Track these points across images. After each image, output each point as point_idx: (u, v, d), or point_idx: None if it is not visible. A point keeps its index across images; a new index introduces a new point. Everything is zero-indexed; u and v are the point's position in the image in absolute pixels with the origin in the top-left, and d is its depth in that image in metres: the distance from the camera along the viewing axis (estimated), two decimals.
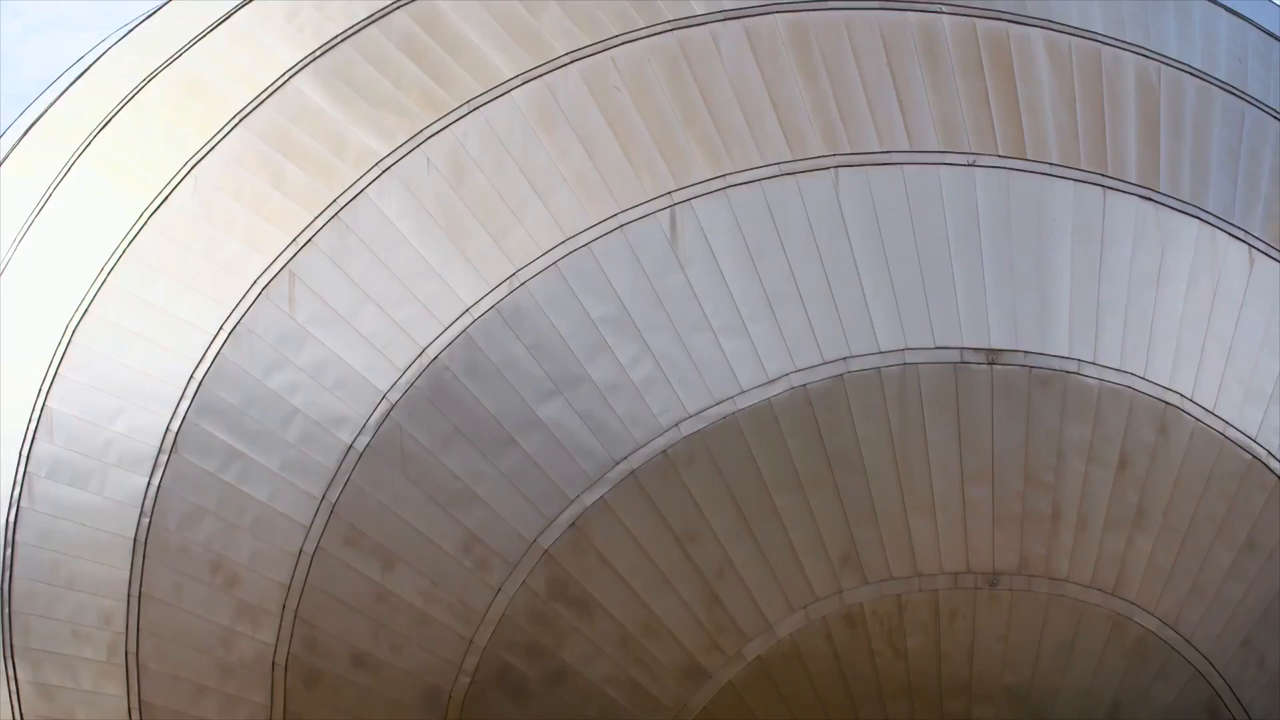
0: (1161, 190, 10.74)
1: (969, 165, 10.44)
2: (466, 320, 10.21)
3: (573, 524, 9.86)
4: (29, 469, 11.33)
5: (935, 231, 10.26)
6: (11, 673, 11.18)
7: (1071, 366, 10.19)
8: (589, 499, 9.85)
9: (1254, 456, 10.57)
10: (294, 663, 10.05)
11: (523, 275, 10.25)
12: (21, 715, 11.15)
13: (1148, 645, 10.24)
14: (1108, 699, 10.22)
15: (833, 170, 10.36)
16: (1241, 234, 10.93)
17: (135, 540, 10.59)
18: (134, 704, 10.56)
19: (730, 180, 10.30)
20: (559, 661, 9.80)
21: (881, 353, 10.07)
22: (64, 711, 10.95)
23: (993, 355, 10.11)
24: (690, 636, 9.79)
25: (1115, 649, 10.21)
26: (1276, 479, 10.51)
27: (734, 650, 9.82)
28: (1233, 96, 11.42)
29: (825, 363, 10.01)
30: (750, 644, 9.84)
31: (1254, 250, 10.94)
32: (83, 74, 12.65)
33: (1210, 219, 10.86)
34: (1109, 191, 10.63)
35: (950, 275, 10.20)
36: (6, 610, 11.21)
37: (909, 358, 10.08)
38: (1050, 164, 10.52)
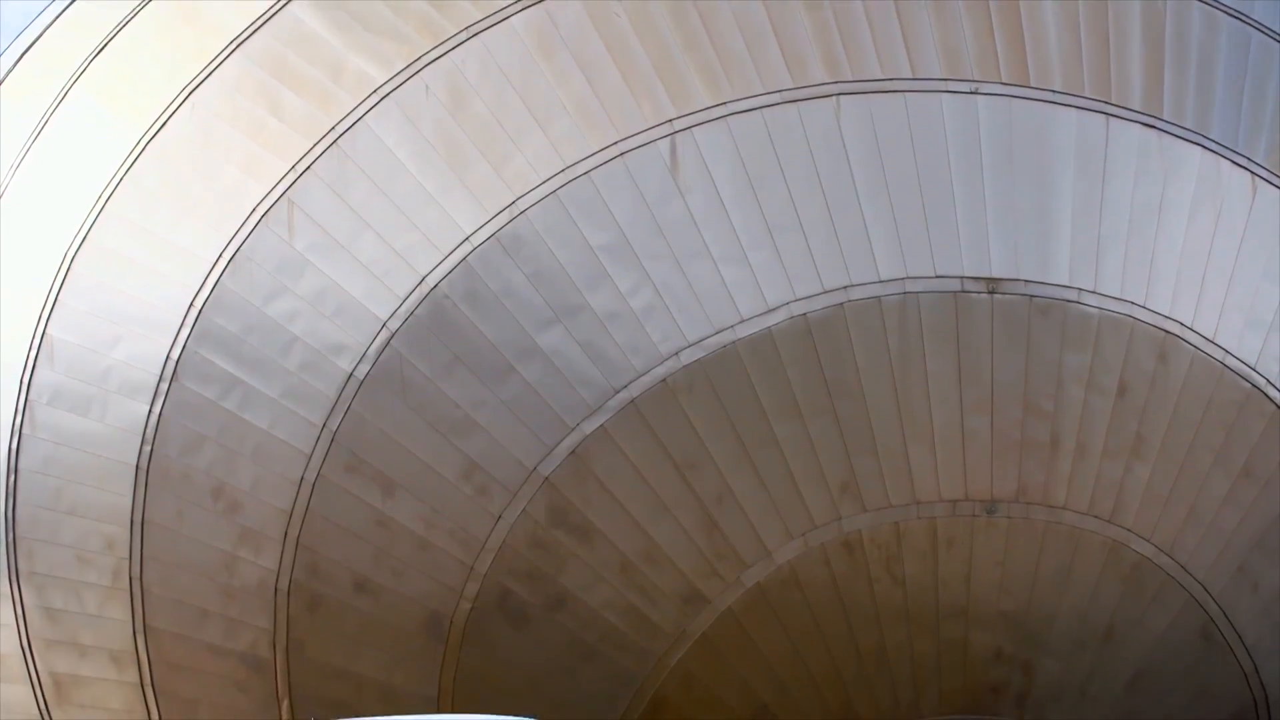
0: (1165, 118, 10.65)
1: (971, 93, 10.35)
2: (466, 249, 10.19)
3: (573, 452, 9.90)
4: (30, 396, 11.34)
5: (937, 160, 10.20)
6: (17, 596, 11.26)
7: (1072, 296, 10.17)
8: (589, 427, 9.88)
9: (1253, 385, 10.59)
10: (296, 588, 10.13)
11: (522, 204, 10.21)
12: (28, 638, 11.24)
13: (1143, 571, 10.32)
14: (1103, 624, 10.31)
15: (834, 98, 10.28)
16: (1245, 162, 10.86)
17: (137, 467, 10.63)
18: (138, 628, 10.65)
19: (731, 108, 10.21)
20: (559, 587, 9.88)
21: (882, 281, 10.06)
22: (69, 635, 11.05)
23: (993, 284, 10.10)
24: (690, 563, 9.86)
25: (1111, 575, 10.29)
26: (1275, 407, 10.54)
27: (733, 577, 9.90)
28: (1239, 23, 11.29)
29: (825, 291, 10.00)
30: (749, 571, 9.92)
31: (1257, 178, 10.87)
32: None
33: (1214, 147, 10.78)
34: (1112, 119, 10.54)
35: (951, 204, 10.16)
36: (11, 535, 11.27)
37: (909, 287, 10.07)
38: (1054, 91, 10.43)
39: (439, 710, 9.75)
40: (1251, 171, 10.82)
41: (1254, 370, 10.54)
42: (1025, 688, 10.23)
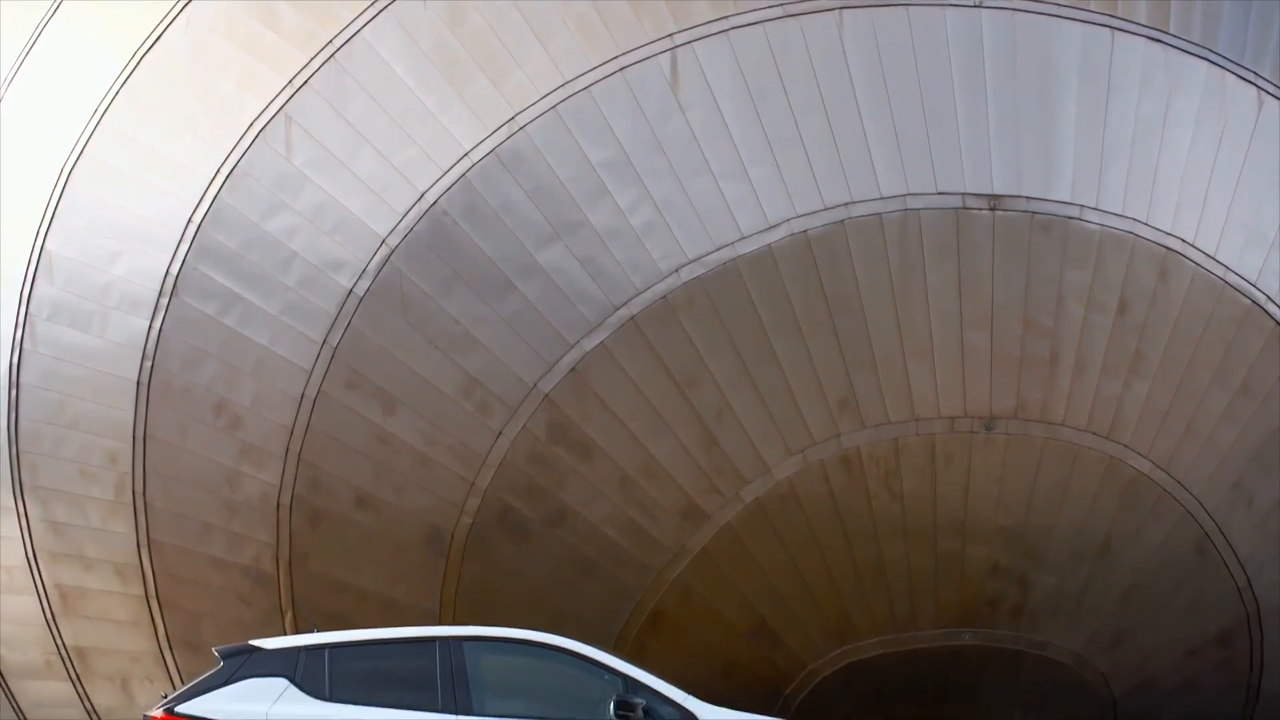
0: (1171, 32, 10.54)
1: (975, 6, 10.21)
2: (465, 164, 10.12)
3: (573, 369, 9.92)
4: (30, 311, 11.35)
5: (940, 75, 10.09)
6: (22, 509, 11.35)
7: (1073, 212, 10.13)
8: (589, 344, 9.89)
9: (1253, 301, 10.59)
10: (298, 503, 10.20)
11: (521, 119, 10.12)
12: (33, 550, 11.35)
13: (1140, 487, 10.39)
14: (1099, 538, 10.40)
15: (836, 11, 10.14)
16: (1251, 76, 10.75)
17: (138, 382, 10.66)
18: (142, 541, 10.74)
19: (732, 22, 10.08)
20: (559, 503, 9.95)
21: (883, 198, 10.01)
22: (74, 548, 11.15)
23: (995, 201, 10.05)
24: (689, 479, 9.92)
25: (1108, 490, 10.36)
26: (1274, 323, 10.54)
27: (732, 492, 9.97)
28: None
29: (826, 208, 9.96)
30: (748, 486, 9.98)
31: (1263, 93, 10.77)
32: None
33: (1220, 61, 10.67)
34: (1117, 33, 10.42)
35: (954, 120, 10.07)
36: (14, 449, 11.33)
37: (910, 203, 10.02)
38: (1059, 4, 10.30)
39: (440, 623, 9.85)
40: (1258, 86, 10.72)
41: (1254, 287, 10.53)
42: (1021, 601, 10.36)
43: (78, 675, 11.40)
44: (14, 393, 11.29)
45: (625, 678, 5.85)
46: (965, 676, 10.38)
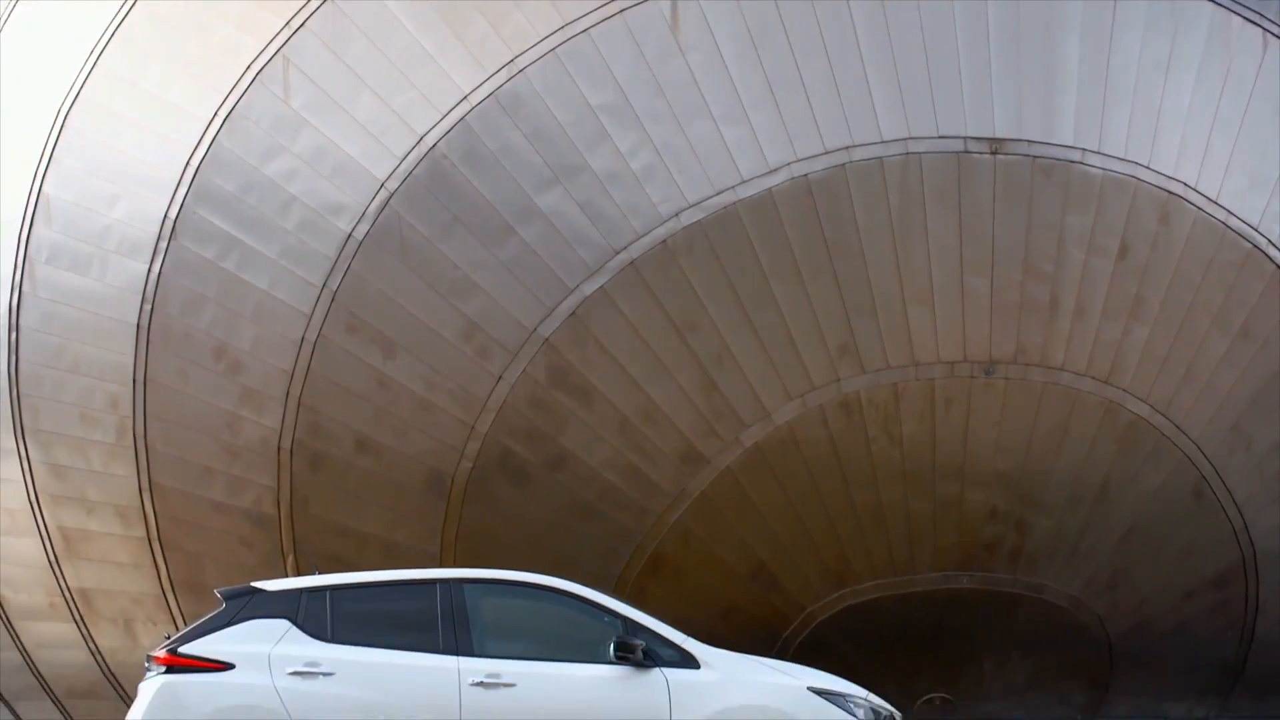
0: None
1: None
2: (464, 108, 10.05)
3: (573, 313, 9.91)
4: (29, 253, 11.32)
5: (942, 17, 9.98)
6: (23, 452, 11.37)
7: (1075, 156, 10.08)
8: (589, 288, 9.88)
9: (1254, 245, 10.56)
10: (299, 447, 10.23)
11: (521, 62, 10.04)
12: (35, 493, 11.38)
13: (1138, 431, 10.41)
14: (1097, 483, 10.44)
15: None
16: (1257, 18, 10.66)
17: (138, 326, 10.65)
18: (144, 484, 10.77)
19: None
20: (559, 447, 9.98)
21: (884, 142, 9.95)
22: (75, 491, 11.19)
23: (996, 145, 9.99)
24: (689, 423, 9.94)
25: (1107, 435, 10.38)
26: (1275, 267, 10.52)
27: (732, 437, 9.99)
28: None
29: (827, 152, 9.90)
30: (748, 431, 10.01)
31: (1268, 35, 10.68)
32: None
33: (1225, 2, 10.56)
34: None
35: (956, 63, 9.99)
36: (14, 392, 11.34)
37: (912, 147, 9.96)
38: None
39: (441, 566, 9.90)
40: (1263, 28, 10.64)
41: (1256, 231, 10.51)
42: (1019, 545, 10.41)
43: (81, 617, 11.47)
44: (14, 336, 11.29)
45: (625, 620, 5.88)
46: (962, 619, 10.45)
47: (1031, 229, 10.06)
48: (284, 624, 5.92)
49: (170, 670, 5.76)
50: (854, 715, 5.58)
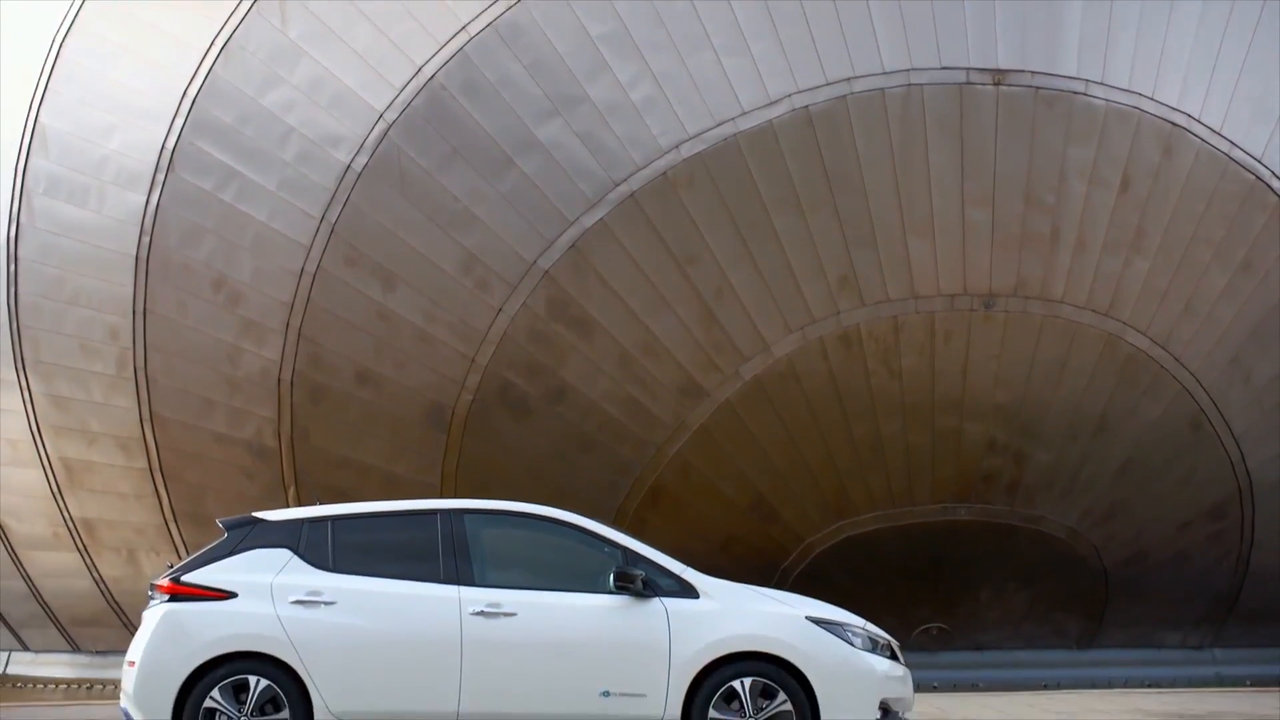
0: None
1: None
2: (463, 38, 9.95)
3: (572, 245, 9.88)
4: (26, 185, 11.26)
5: None
6: (24, 384, 11.38)
7: (1079, 87, 10.00)
8: (588, 221, 9.85)
9: (1257, 177, 10.51)
10: (299, 379, 10.23)
11: None
12: (37, 424, 11.40)
13: (1138, 364, 10.43)
14: (1095, 415, 10.47)
15: None
16: None
17: (136, 258, 10.62)
18: (145, 416, 10.79)
19: None
20: (559, 380, 9.99)
21: (886, 73, 9.86)
22: (77, 422, 11.21)
23: (999, 76, 9.91)
24: (688, 356, 9.95)
25: (1106, 368, 10.40)
26: (1278, 199, 10.48)
27: (731, 370, 10.00)
28: None
29: (828, 83, 9.82)
30: (747, 364, 10.02)
31: None
32: None
33: None
34: None
35: None
36: (15, 324, 11.33)
37: (914, 78, 9.88)
38: None
39: (441, 497, 9.94)
40: None
41: (1259, 162, 10.46)
42: (1016, 477, 10.45)
43: (85, 546, 11.54)
44: (12, 267, 11.26)
45: (624, 550, 5.90)
46: (960, 551, 10.52)
47: (1033, 161, 10.01)
48: (285, 554, 5.94)
49: (173, 599, 5.79)
50: (852, 644, 5.62)
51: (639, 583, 5.75)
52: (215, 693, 5.66)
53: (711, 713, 5.55)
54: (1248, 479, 10.85)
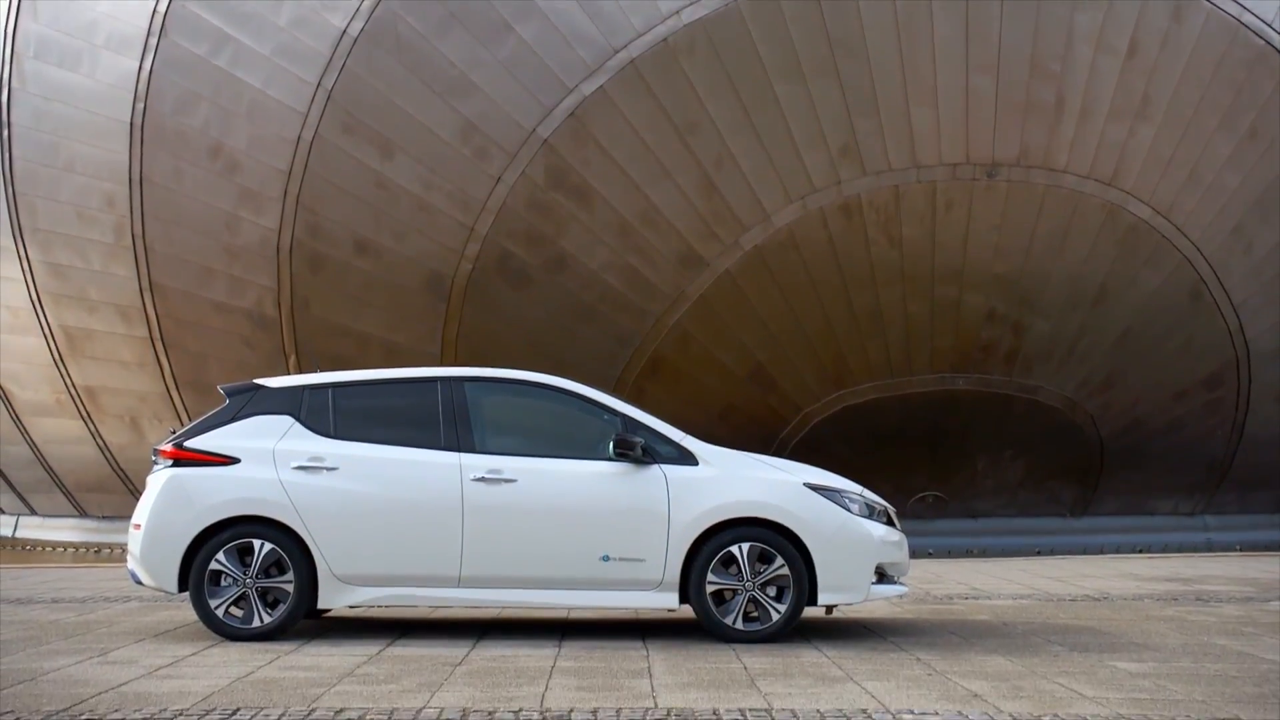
0: None
1: None
2: None
3: (572, 113, 9.77)
4: (16, 47, 11.11)
5: None
6: (22, 251, 11.34)
7: None
8: (588, 88, 9.72)
9: (1266, 42, 10.36)
10: (298, 247, 10.19)
11: None
12: (37, 292, 11.39)
13: (1140, 233, 10.38)
14: (1095, 285, 10.46)
15: None
16: None
17: (131, 124, 10.51)
18: (144, 285, 10.77)
19: None
20: (559, 249, 9.95)
21: None
22: (76, 290, 11.19)
23: None
24: (688, 225, 9.89)
25: (1107, 238, 10.36)
26: None
27: (731, 239, 9.96)
28: None
29: None
30: (747, 233, 9.97)
31: None
32: None
33: None
34: None
35: None
36: (10, 190, 11.26)
37: None
38: None
39: (441, 366, 9.96)
40: None
41: (1269, 27, 10.31)
42: (1015, 347, 10.48)
43: (88, 413, 11.60)
44: (6, 132, 11.16)
45: (624, 417, 5.90)
46: (957, 420, 10.59)
47: (1039, 27, 9.86)
48: (287, 420, 5.95)
49: (177, 464, 5.82)
50: (849, 510, 5.65)
51: (638, 450, 5.78)
52: (221, 555, 5.73)
53: (710, 577, 5.61)
54: (1245, 348, 10.89)
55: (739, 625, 5.73)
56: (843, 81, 9.69)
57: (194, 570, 5.83)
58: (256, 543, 5.86)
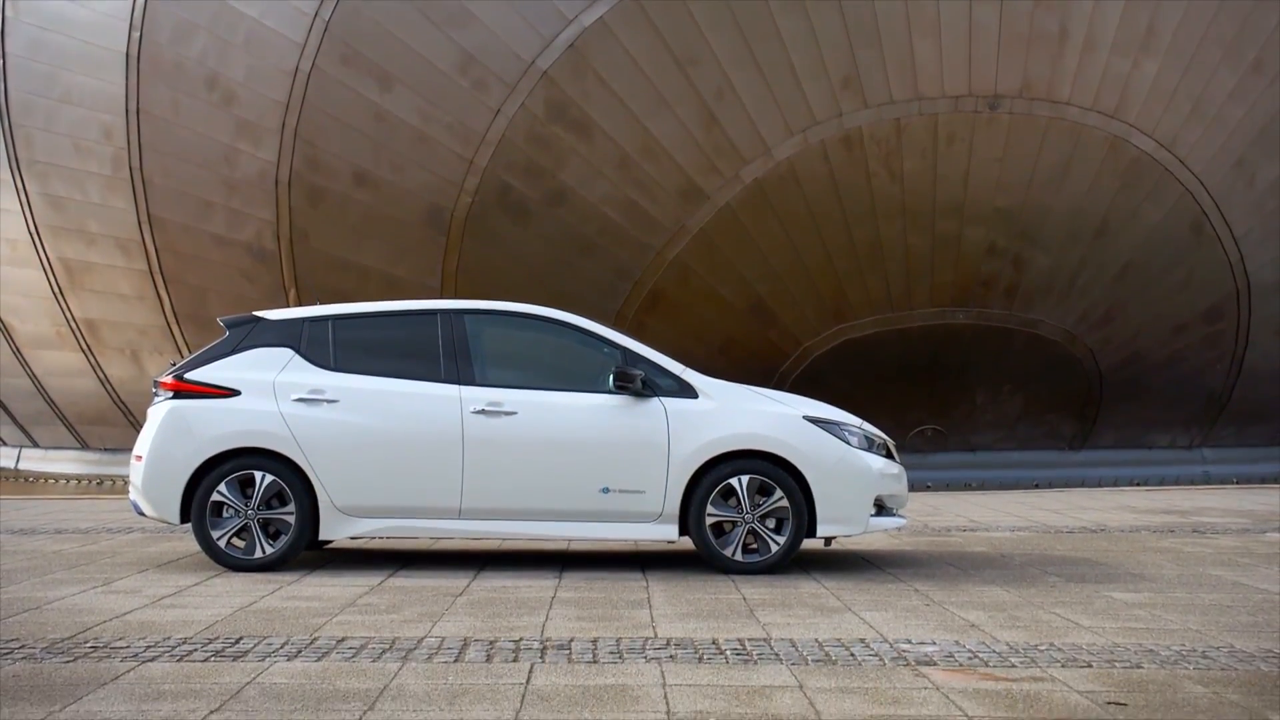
0: None
1: None
2: None
3: (571, 45, 9.68)
4: None
5: None
6: (20, 184, 11.30)
7: None
8: (588, 19, 9.63)
9: None
10: (297, 180, 10.15)
11: None
12: (35, 224, 11.36)
13: (1142, 166, 10.34)
14: (1097, 219, 10.42)
15: None
16: None
17: (127, 55, 10.43)
18: (143, 217, 10.74)
19: None
20: (558, 182, 9.91)
21: None
22: (75, 223, 11.16)
23: None
24: (688, 159, 9.84)
25: (1109, 171, 10.31)
26: None
27: (732, 173, 9.91)
28: None
29: None
30: (748, 167, 9.92)
31: None
32: None
33: None
34: None
35: None
36: (6, 121, 11.20)
37: None
38: None
39: (441, 298, 9.94)
40: None
41: None
42: (1015, 281, 10.46)
43: (88, 346, 11.61)
44: (1, 63, 11.08)
45: (624, 350, 5.89)
46: (957, 354, 10.59)
47: None
48: (287, 352, 5.94)
49: (177, 396, 5.82)
50: (848, 443, 5.65)
51: (638, 382, 5.78)
52: (222, 487, 5.75)
53: (709, 509, 5.63)
54: (1246, 281, 10.88)
55: (738, 557, 5.76)
56: (845, 13, 9.60)
57: (196, 502, 5.85)
58: (258, 474, 5.87)
